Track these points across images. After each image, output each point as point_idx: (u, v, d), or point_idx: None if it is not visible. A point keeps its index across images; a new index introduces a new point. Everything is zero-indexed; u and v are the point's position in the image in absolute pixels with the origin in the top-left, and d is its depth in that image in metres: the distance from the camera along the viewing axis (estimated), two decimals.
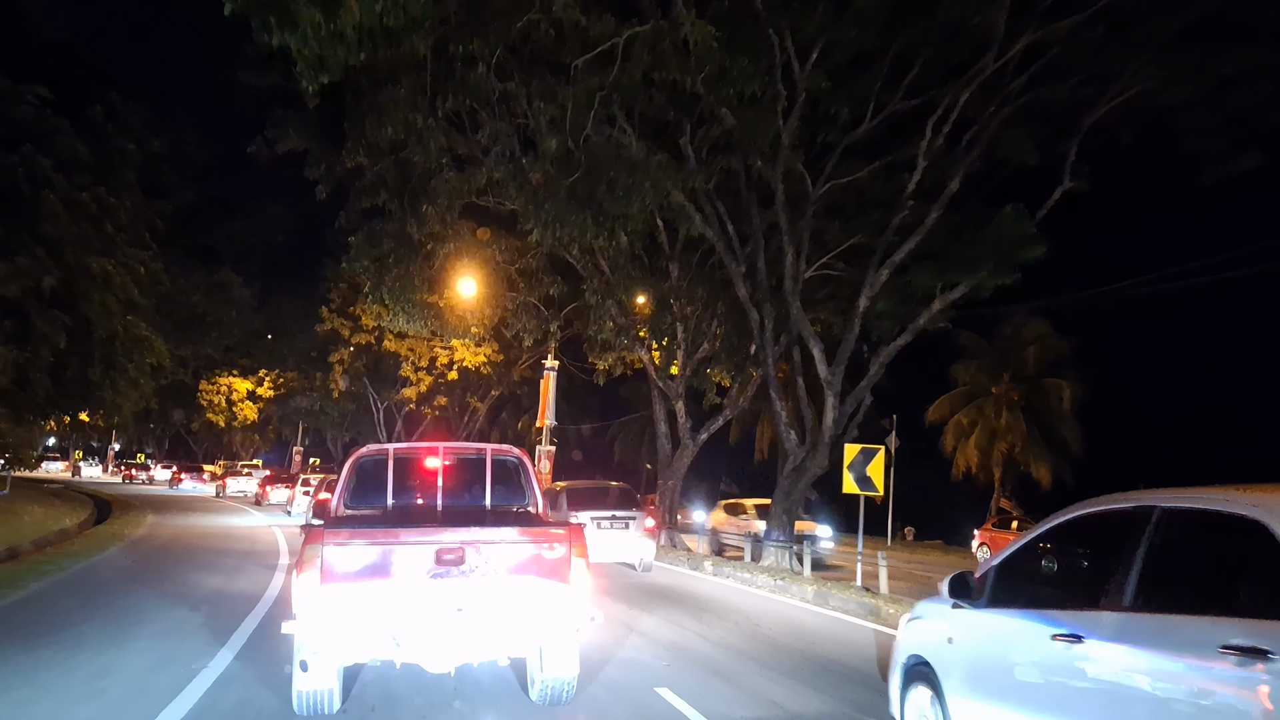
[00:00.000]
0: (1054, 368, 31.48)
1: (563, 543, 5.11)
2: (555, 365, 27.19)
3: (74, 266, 26.43)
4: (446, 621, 4.91)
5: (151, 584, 10.34)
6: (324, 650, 4.88)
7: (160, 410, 59.05)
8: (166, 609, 8.72)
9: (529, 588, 5.03)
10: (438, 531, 5.15)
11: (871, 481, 12.32)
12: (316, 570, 4.76)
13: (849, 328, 13.34)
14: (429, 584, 4.90)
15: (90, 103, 28.27)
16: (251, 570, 11.96)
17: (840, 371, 13.63)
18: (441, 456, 6.38)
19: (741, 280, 14.09)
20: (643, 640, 7.89)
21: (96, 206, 26.80)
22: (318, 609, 4.76)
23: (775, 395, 14.31)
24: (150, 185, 31.87)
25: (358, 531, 5.01)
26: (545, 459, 27.54)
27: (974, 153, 13.17)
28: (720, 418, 19.18)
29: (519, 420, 55.69)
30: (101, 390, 27.96)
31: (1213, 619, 2.87)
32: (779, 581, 12.01)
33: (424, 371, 31.18)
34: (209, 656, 6.55)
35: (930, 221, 12.99)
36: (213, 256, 37.64)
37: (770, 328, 14.13)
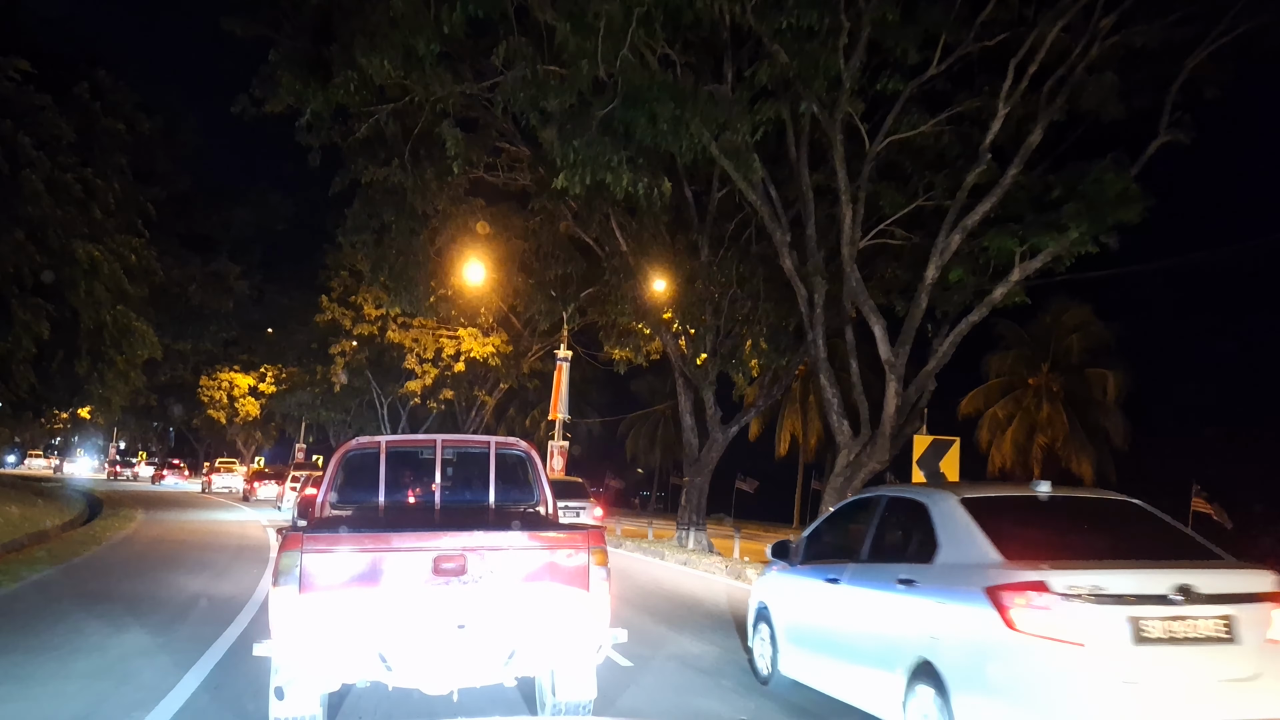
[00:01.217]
0: (1097, 356, 29.77)
1: (580, 548, 4.41)
2: (569, 355, 25.58)
3: (58, 252, 24.89)
4: (446, 639, 4.27)
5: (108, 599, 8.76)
6: (304, 675, 4.24)
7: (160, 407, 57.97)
8: (114, 633, 7.18)
9: (542, 600, 4.35)
10: (436, 535, 4.45)
11: (944, 478, 10.67)
12: (294, 582, 4.09)
13: (915, 302, 11.65)
14: (426, 597, 4.25)
15: (76, 80, 26.66)
16: (237, 577, 10.50)
17: (905, 352, 11.94)
18: (440, 449, 5.68)
19: (787, 250, 12.41)
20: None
21: (82, 189, 25.26)
22: (296, 627, 4.10)
23: (826, 381, 12.64)
24: (142, 169, 30.31)
25: (342, 536, 4.31)
26: (558, 455, 25.90)
27: (1058, 100, 11.48)
28: (753, 409, 17.52)
29: (527, 416, 54.16)
30: (89, 384, 26.47)
31: (896, 564, 4.82)
32: None
33: (429, 364, 29.57)
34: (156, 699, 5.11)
35: (1009, 179, 11.31)
36: (209, 246, 36.13)
37: (821, 303, 12.45)
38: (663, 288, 15.94)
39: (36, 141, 23.61)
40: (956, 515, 4.55)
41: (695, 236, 15.54)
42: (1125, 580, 3.78)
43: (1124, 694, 3.59)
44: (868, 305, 11.75)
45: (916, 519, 4.83)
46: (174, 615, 7.92)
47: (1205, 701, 3.68)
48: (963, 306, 12.01)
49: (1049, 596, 3.65)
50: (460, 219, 14.81)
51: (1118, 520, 4.84)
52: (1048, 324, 30.34)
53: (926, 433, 12.86)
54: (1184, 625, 3.70)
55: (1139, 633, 3.64)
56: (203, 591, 9.29)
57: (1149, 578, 3.83)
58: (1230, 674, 3.73)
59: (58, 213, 23.95)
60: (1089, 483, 28.90)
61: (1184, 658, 3.69)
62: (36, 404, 29.49)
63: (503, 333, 28.87)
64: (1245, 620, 3.74)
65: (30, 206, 23.05)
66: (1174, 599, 3.71)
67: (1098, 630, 3.61)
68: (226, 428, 56.46)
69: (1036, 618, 3.67)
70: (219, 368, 47.42)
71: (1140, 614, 3.66)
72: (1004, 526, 4.32)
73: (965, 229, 11.37)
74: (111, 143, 27.44)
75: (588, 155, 8.03)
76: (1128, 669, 3.62)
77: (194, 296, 35.27)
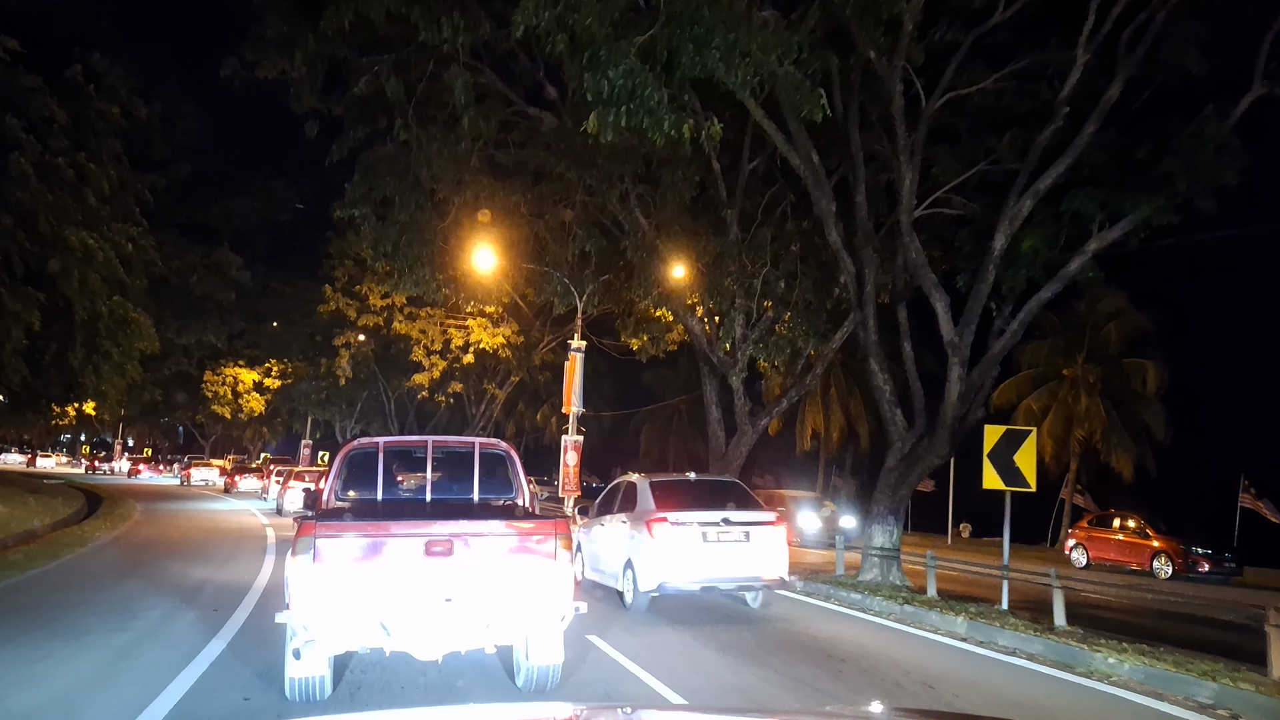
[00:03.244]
0: (1135, 346, 28.35)
1: (549, 536, 5.20)
2: (583, 346, 24.34)
3: (49, 239, 23.83)
4: (435, 611, 5.00)
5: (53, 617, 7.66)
6: (316, 639, 4.91)
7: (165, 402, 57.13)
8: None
9: (515, 578, 5.13)
10: (427, 524, 5.17)
11: (1020, 473, 9.41)
12: (309, 560, 4.82)
13: (980, 275, 10.36)
14: (418, 574, 4.99)
15: (69, 62, 25.54)
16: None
17: (970, 333, 10.66)
18: (431, 449, 6.41)
19: (833, 221, 11.14)
20: None
21: (75, 174, 24.16)
22: (310, 598, 4.82)
23: (877, 365, 11.38)
24: (140, 156, 29.22)
25: (349, 524, 5.07)
26: (572, 450, 24.70)
27: (1138, 51, 10.18)
28: (784, 399, 16.25)
29: (537, 410, 52.95)
30: (84, 376, 25.42)
31: (622, 513, 9.70)
32: (902, 606, 9.11)
33: (437, 356, 28.42)
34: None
35: (1086, 137, 10.02)
36: (210, 236, 35.08)
37: (872, 279, 11.17)
38: (683, 273, 14.70)
39: (26, 124, 22.58)
40: (646, 488, 9.65)
41: (724, 212, 14.25)
42: (701, 515, 9.04)
43: (692, 552, 8.82)
44: (929, 280, 10.48)
45: (631, 491, 9.92)
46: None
47: (724, 562, 8.94)
48: (1026, 283, 10.72)
49: (665, 524, 8.87)
50: (469, 192, 13.56)
51: (719, 491, 9.92)
52: (1083, 313, 28.93)
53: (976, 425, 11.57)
54: (724, 534, 9.03)
55: (703, 537, 8.95)
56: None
57: (713, 515, 9.08)
58: (742, 554, 9.01)
59: (48, 198, 22.90)
60: (1128, 479, 27.55)
61: (720, 546, 8.96)
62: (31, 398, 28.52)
63: (513, 323, 27.69)
64: (754, 534, 9.09)
65: (19, 191, 22.01)
66: (720, 524, 9.03)
67: (685, 536, 8.85)
68: (232, 424, 55.59)
69: (662, 530, 8.86)
70: (223, 362, 46.43)
71: (705, 530, 8.96)
72: (663, 493, 9.47)
73: (1037, 193, 10.09)
74: (106, 127, 26.33)
75: (624, 89, 6.80)
76: (695, 545, 8.86)
77: (195, 288, 34.26)
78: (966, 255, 11.07)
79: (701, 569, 8.75)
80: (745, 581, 9.04)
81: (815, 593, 10.48)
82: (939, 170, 11.56)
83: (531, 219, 14.98)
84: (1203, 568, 18.28)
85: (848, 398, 34.39)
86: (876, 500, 11.39)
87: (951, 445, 10.62)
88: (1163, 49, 10.51)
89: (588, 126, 7.39)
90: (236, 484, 36.32)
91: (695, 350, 17.22)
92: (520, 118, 15.19)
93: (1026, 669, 6.86)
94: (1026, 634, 7.58)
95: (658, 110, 7.09)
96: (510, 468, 6.45)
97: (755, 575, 8.97)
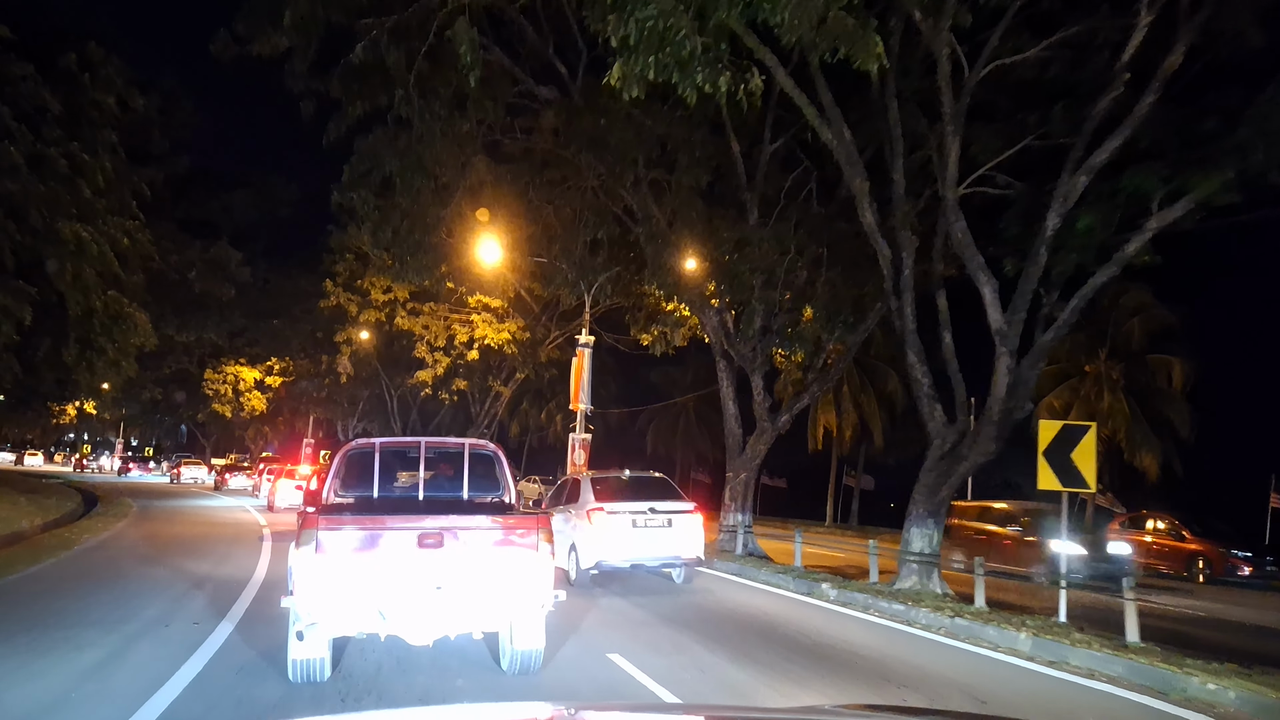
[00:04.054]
0: (1159, 342, 27.50)
1: (532, 530, 5.62)
2: (590, 342, 23.57)
3: (41, 231, 23.12)
4: (427, 598, 5.38)
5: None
6: (318, 622, 5.25)
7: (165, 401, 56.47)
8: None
9: (500, 569, 5.51)
10: (419, 518, 5.55)
11: (1078, 472, 8.62)
12: (312, 551, 5.19)
13: (1031, 259, 9.54)
14: (411, 565, 5.35)
15: (63, 51, 24.80)
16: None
17: (1019, 321, 9.84)
18: (424, 450, 6.72)
19: (867, 202, 10.33)
20: None
21: (68, 165, 23.43)
22: (313, 585, 5.19)
23: (915, 357, 10.56)
24: (137, 149, 28.50)
25: (348, 518, 5.47)
26: (580, 449, 23.91)
27: (1201, 14, 9.38)
28: (805, 394, 15.45)
29: (541, 409, 52.22)
30: (77, 373, 24.71)
31: (570, 505, 11.35)
32: (952, 619, 8.31)
33: (440, 352, 27.65)
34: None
35: (1145, 107, 9.21)
36: (210, 231, 34.37)
37: (910, 263, 10.36)
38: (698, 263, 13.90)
39: (16, 113, 21.87)
40: (587, 483, 11.30)
41: (744, 196, 13.43)
42: (632, 506, 10.70)
43: (623, 536, 10.51)
44: (976, 261, 9.65)
45: (576, 486, 11.67)
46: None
47: (648, 545, 10.57)
48: (1076, 267, 9.91)
49: (602, 513, 10.55)
50: (474, 176, 12.79)
51: (648, 485, 11.51)
52: (1105, 307, 28.02)
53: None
54: (651, 521, 10.68)
55: (633, 523, 10.61)
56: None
57: (641, 505, 10.73)
58: (664, 540, 10.66)
59: (40, 189, 22.20)
60: (1153, 478, 26.73)
61: (647, 531, 10.61)
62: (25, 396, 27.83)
63: (519, 318, 26.91)
64: (676, 520, 10.73)
65: (9, 181, 21.30)
66: (647, 512, 10.70)
67: (618, 523, 10.54)
68: (233, 422, 54.87)
69: (600, 518, 10.53)
70: (224, 360, 45.69)
71: (635, 518, 10.63)
72: (601, 488, 11.10)
73: (1092, 169, 9.28)
74: (101, 118, 25.60)
75: (654, 33, 6.03)
76: (626, 530, 10.54)
77: (194, 284, 33.54)
78: (1011, 238, 10.26)
79: (631, 550, 10.52)
80: (668, 560, 10.82)
81: (851, 602, 9.66)
82: (978, 149, 10.75)
83: (539, 206, 14.18)
84: (1243, 571, 17.41)
85: (860, 395, 33.58)
86: (915, 502, 10.58)
87: (998, 443, 9.81)
88: (1223, 17, 9.72)
89: (610, 78, 6.62)
90: (227, 482, 37.18)
91: (711, 345, 16.44)
92: (527, 100, 14.42)
93: (1117, 697, 6.00)
94: (1102, 652, 6.77)
95: (691, 61, 6.32)
96: (498, 467, 6.83)
97: (676, 555, 10.75)
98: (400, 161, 11.61)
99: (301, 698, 5.16)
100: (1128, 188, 9.11)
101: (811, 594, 10.28)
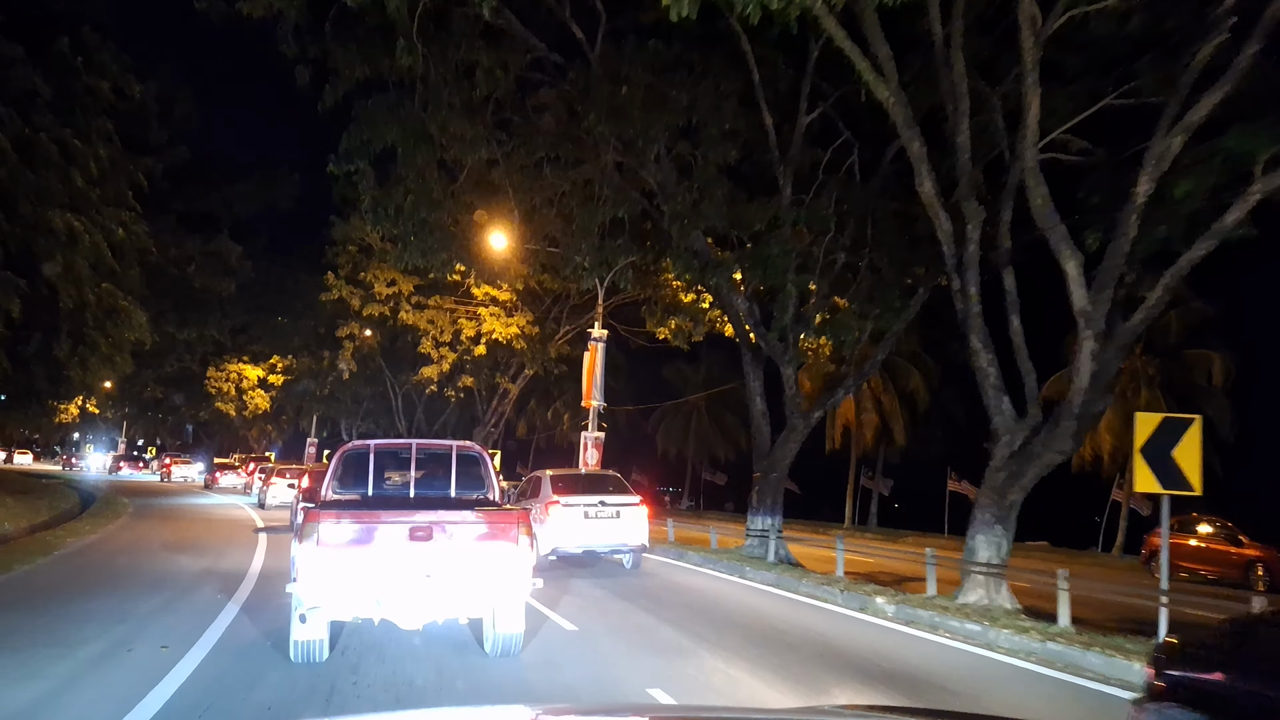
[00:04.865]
0: (1198, 337, 26.30)
1: (512, 524, 6.11)
2: (604, 335, 22.49)
3: (31, 221, 22.14)
4: (417, 586, 5.86)
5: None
6: (319, 606, 5.72)
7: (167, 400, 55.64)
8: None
9: (484, 560, 6.00)
10: (411, 514, 6.10)
11: (1180, 472, 7.54)
12: (314, 543, 5.68)
13: (1120, 229, 8.42)
14: (403, 556, 5.85)
15: (56, 34, 23.81)
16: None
17: (1106, 301, 8.73)
18: (414, 451, 7.30)
19: (926, 170, 9.23)
20: None
21: (59, 152, 22.44)
22: (315, 573, 5.68)
23: (980, 343, 9.47)
24: (134, 138, 27.47)
25: (347, 513, 6.04)
26: (593, 448, 22.81)
27: None
28: (841, 389, 14.34)
29: (549, 408, 51.08)
30: (69, 369, 23.74)
31: (533, 499, 12.93)
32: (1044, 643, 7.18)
33: (446, 347, 26.61)
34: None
35: (1245, 60, 8.10)
36: (210, 224, 33.38)
37: (976, 237, 9.25)
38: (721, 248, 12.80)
39: (5, 97, 20.92)
40: (546, 480, 12.86)
41: (777, 170, 12.31)
42: (584, 499, 12.16)
43: (576, 526, 11.95)
44: (1059, 232, 8.52)
45: (538, 482, 13.14)
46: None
47: (598, 534, 12.02)
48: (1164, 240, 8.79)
49: (558, 506, 12.02)
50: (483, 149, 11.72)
51: (600, 481, 13.13)
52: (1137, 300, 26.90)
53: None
54: (601, 512, 12.11)
55: (585, 515, 12.03)
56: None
57: (594, 498, 12.22)
58: (613, 529, 12.10)
59: (29, 176, 21.23)
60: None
61: (597, 521, 12.05)
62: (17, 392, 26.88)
63: (528, 312, 25.85)
64: (623, 512, 12.21)
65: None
66: (598, 505, 12.13)
67: (571, 514, 12.02)
68: (236, 422, 53.98)
69: (555, 510, 11.95)
70: (227, 358, 44.78)
71: (587, 510, 12.07)
72: (558, 484, 12.66)
73: (1189, 128, 8.16)
74: (95, 104, 24.60)
75: None
76: (579, 521, 11.97)
77: (194, 279, 32.58)
78: (1093, 208, 9.14)
79: (583, 538, 11.97)
80: (615, 547, 12.28)
81: (915, 620, 8.49)
82: (1045, 112, 9.63)
83: (554, 184, 13.07)
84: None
85: (882, 392, 32.42)
86: (980, 506, 9.49)
87: (1077, 439, 8.75)
88: None
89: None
90: (217, 480, 37.77)
91: (735, 337, 15.35)
92: (540, 72, 13.35)
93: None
94: None
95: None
96: (483, 467, 7.40)
97: (623, 542, 12.20)
98: (403, 130, 10.53)
99: (302, 676, 5.57)
100: (1232, 148, 7.99)
101: (865, 609, 9.14)
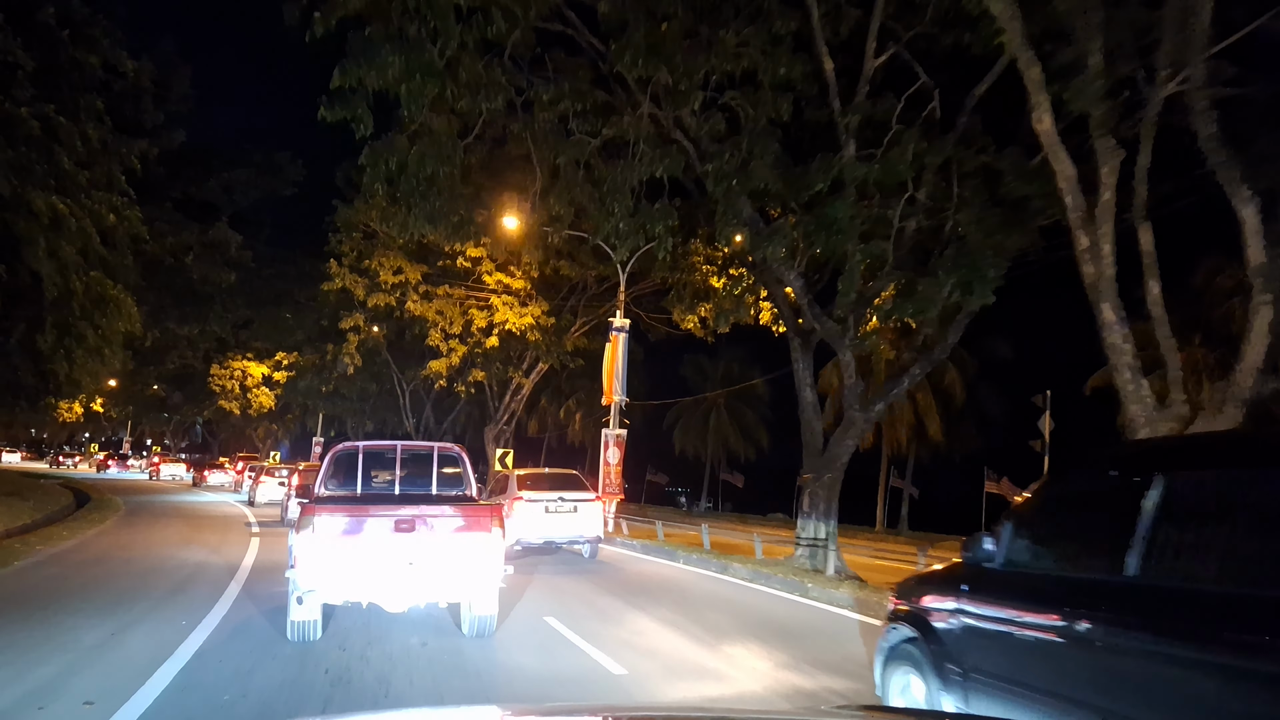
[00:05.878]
0: None
1: (487, 517, 6.94)
2: (626, 325, 20.83)
3: (9, 200, 20.57)
4: (401, 573, 6.64)
5: None
6: (314, 590, 6.49)
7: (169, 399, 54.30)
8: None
9: (461, 550, 6.78)
10: (396, 508, 6.90)
11: None
12: (310, 534, 6.44)
13: None
14: (389, 546, 6.63)
15: (41, 3, 22.24)
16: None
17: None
18: (399, 452, 8.20)
19: (1047, 102, 7.50)
20: None
21: (41, 128, 20.87)
22: (310, 561, 6.43)
23: (1113, 315, 7.79)
24: (127, 119, 25.88)
25: (340, 506, 6.91)
26: (614, 446, 21.13)
27: None
28: (905, 377, 12.61)
29: (560, 406, 49.43)
30: (54, 362, 22.20)
31: (502, 495, 14.37)
32: None
33: (456, 340, 24.99)
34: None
35: None
36: (208, 211, 31.86)
37: (1112, 183, 7.53)
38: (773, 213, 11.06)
39: None
40: (513, 479, 14.30)
41: (839, 122, 10.52)
42: (545, 495, 13.52)
43: (538, 519, 13.33)
44: (1230, 176, 6.78)
45: (506, 480, 14.62)
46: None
47: (557, 526, 13.48)
48: None
49: (522, 501, 13.34)
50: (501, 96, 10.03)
51: (562, 479, 14.58)
52: (1197, 287, 25.10)
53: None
54: (560, 507, 13.48)
55: (546, 510, 13.43)
56: None
57: (554, 495, 13.54)
58: (571, 522, 13.52)
59: (8, 153, 19.68)
60: None
61: (557, 515, 13.46)
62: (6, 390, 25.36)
63: (543, 301, 24.18)
64: (581, 507, 13.65)
65: None
66: (558, 500, 13.49)
67: (533, 508, 13.36)
68: (240, 420, 52.58)
69: (519, 505, 13.26)
70: (231, 355, 43.33)
71: (547, 504, 13.45)
72: (524, 481, 14.09)
73: None
74: (82, 79, 23.05)
75: None
76: (540, 515, 13.35)
77: (192, 269, 31.06)
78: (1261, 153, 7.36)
79: (544, 530, 13.33)
80: (573, 538, 13.70)
81: None
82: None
83: (581, 141, 11.34)
84: None
85: (917, 390, 30.57)
86: None
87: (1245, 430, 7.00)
88: None
89: None
90: (206, 479, 37.82)
91: (783, 320, 13.61)
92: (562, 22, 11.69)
93: None
94: None
95: None
96: (462, 466, 8.15)
97: (580, 534, 13.63)
98: (407, 63, 8.79)
99: (296, 651, 6.18)
100: None
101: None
